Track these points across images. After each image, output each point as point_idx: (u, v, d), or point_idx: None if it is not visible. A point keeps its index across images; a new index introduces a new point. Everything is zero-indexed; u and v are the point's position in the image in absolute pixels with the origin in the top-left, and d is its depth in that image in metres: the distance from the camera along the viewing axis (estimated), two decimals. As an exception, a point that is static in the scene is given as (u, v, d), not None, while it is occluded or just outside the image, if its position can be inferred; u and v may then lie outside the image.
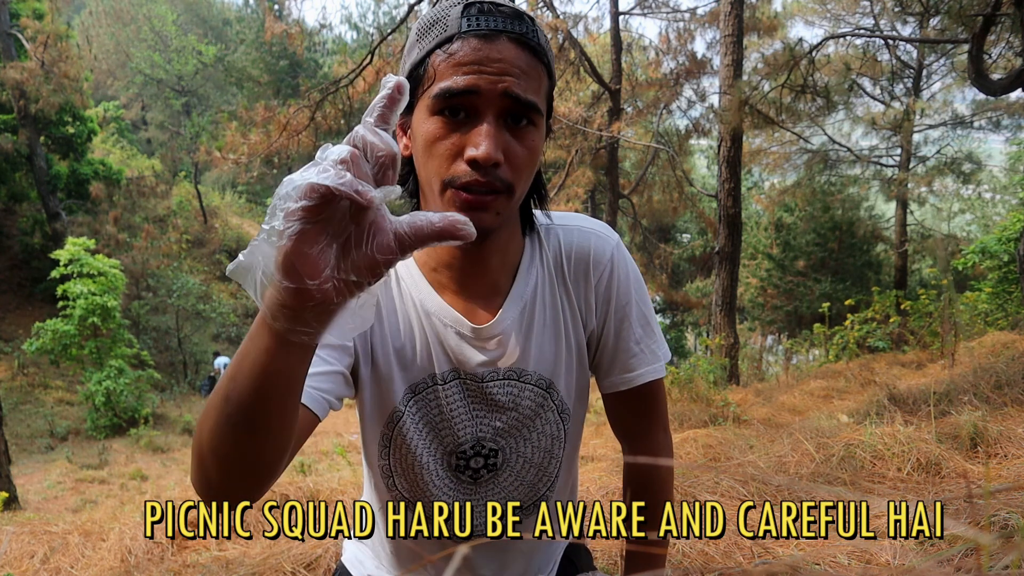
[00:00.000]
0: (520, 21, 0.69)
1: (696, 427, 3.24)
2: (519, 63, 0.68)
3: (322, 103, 7.55)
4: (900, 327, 6.23)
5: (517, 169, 0.69)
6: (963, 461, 1.92)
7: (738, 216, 7.65)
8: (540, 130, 0.72)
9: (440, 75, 0.68)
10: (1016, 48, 5.10)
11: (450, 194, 0.69)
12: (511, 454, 0.86)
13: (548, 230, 0.85)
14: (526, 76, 0.68)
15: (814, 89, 6.98)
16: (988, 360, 3.20)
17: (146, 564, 2.04)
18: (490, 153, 0.66)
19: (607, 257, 0.84)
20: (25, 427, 10.63)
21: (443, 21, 0.69)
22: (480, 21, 0.68)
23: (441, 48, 0.69)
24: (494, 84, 0.66)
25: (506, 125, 0.69)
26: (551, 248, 0.84)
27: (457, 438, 0.83)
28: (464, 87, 0.66)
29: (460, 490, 0.86)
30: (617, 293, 0.85)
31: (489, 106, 0.67)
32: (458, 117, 0.68)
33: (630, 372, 0.86)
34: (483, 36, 0.67)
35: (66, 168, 14.83)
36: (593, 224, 0.87)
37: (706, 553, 1.51)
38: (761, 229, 17.28)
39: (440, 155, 0.69)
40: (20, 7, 13.87)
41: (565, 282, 0.84)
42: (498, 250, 0.80)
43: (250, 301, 20.06)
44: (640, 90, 12.62)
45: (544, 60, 0.71)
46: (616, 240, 0.86)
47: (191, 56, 24.09)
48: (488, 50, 0.67)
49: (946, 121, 13.36)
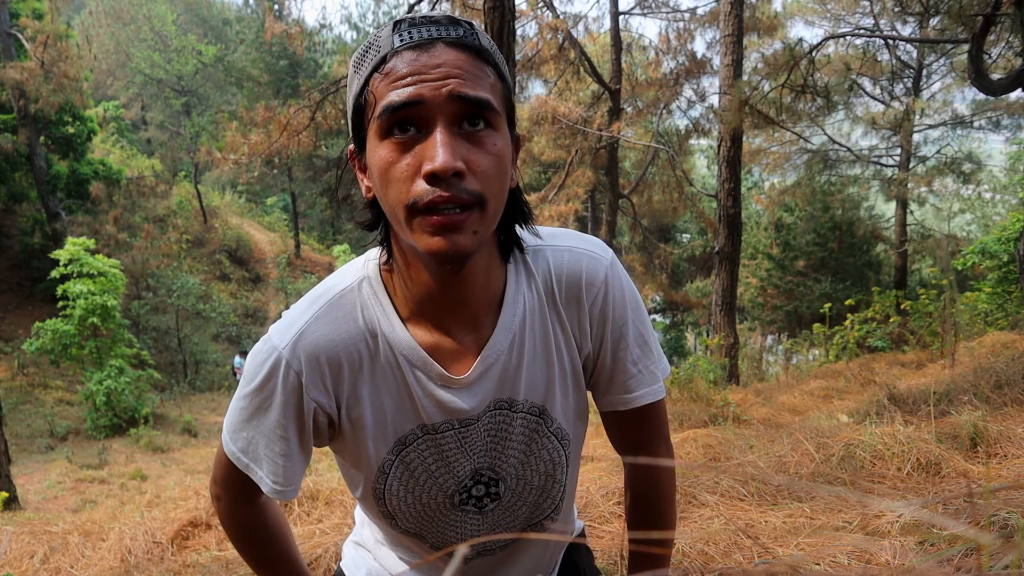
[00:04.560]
0: (456, 26, 0.65)
1: (696, 427, 3.24)
2: (462, 65, 0.64)
3: (322, 103, 7.54)
4: (900, 327, 6.23)
5: (483, 177, 0.64)
6: (963, 461, 1.92)
7: (738, 216, 7.65)
8: (501, 133, 0.66)
9: (380, 96, 0.64)
10: (1016, 48, 5.10)
11: (418, 221, 0.63)
12: (512, 480, 0.84)
13: (537, 252, 0.80)
14: (472, 76, 0.64)
15: (814, 89, 6.98)
16: (988, 360, 3.20)
17: (146, 564, 2.04)
18: (447, 161, 0.60)
19: (600, 279, 0.80)
20: (25, 427, 10.64)
21: (376, 44, 0.66)
22: (412, 33, 0.64)
23: (378, 71, 0.65)
24: (437, 90, 0.62)
25: (461, 132, 0.64)
26: (540, 271, 0.79)
27: (456, 477, 0.82)
28: (406, 99, 0.62)
29: (467, 521, 0.85)
30: (612, 315, 0.81)
31: (438, 113, 0.62)
32: (408, 134, 0.63)
33: (629, 393, 0.83)
34: (417, 47, 0.63)
35: (66, 168, 14.83)
36: (585, 244, 0.82)
37: (706, 553, 1.51)
38: (761, 229, 17.28)
39: (397, 179, 0.64)
40: (20, 7, 13.87)
41: (557, 307, 0.80)
42: (478, 278, 0.73)
43: (250, 301, 20.09)
44: (640, 90, 12.62)
45: (489, 61, 0.66)
46: (610, 259, 0.82)
47: (191, 56, 24.09)
48: (425, 58, 0.63)
49: (946, 121, 13.36)
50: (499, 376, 0.78)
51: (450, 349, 0.76)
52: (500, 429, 0.81)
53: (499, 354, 0.77)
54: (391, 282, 0.76)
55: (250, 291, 20.39)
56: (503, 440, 0.81)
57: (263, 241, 23.19)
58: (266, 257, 22.16)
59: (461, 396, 0.77)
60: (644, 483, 0.91)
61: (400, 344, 0.75)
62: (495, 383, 0.78)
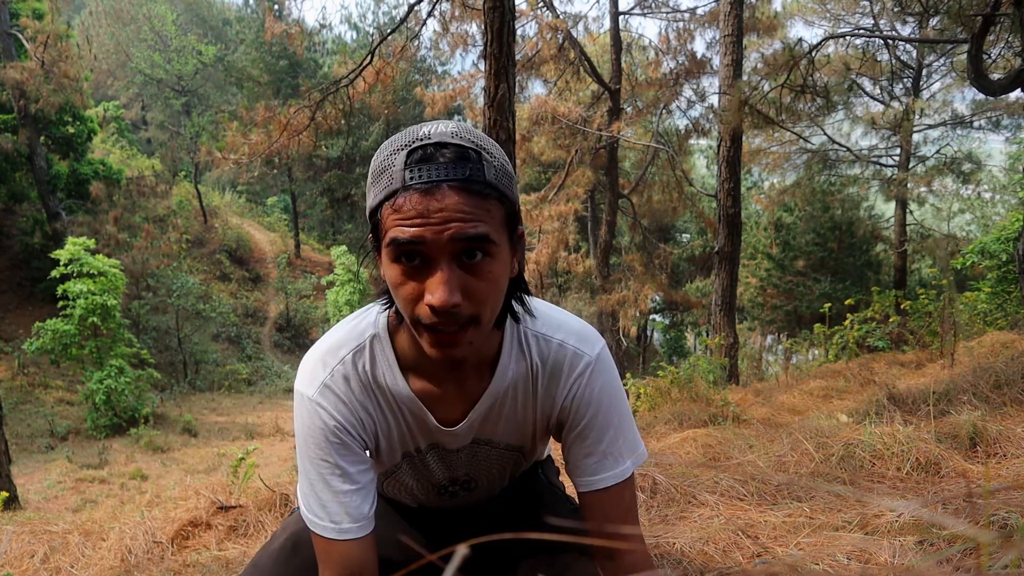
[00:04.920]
0: (463, 163, 0.70)
1: (696, 427, 3.24)
2: (463, 207, 0.69)
3: (322, 103, 7.54)
4: (900, 327, 6.23)
5: (479, 302, 0.73)
6: (962, 461, 1.92)
7: (738, 216, 7.65)
8: (498, 257, 0.74)
9: (389, 227, 0.71)
10: (1016, 48, 5.10)
11: (420, 332, 0.75)
12: (483, 480, 1.04)
13: (536, 338, 0.90)
14: (473, 216, 0.70)
15: (814, 89, 6.98)
16: (987, 360, 3.20)
17: (146, 564, 2.04)
18: (445, 300, 0.69)
19: (576, 374, 0.90)
20: (25, 427, 10.64)
21: (389, 172, 0.72)
22: (421, 173, 0.69)
23: (388, 201, 0.72)
24: (439, 233, 0.69)
25: (461, 264, 0.71)
26: (532, 355, 0.90)
27: (439, 481, 1.02)
28: (410, 238, 0.69)
29: (441, 501, 1.07)
30: (580, 406, 0.90)
31: (440, 253, 0.70)
32: (414, 263, 0.71)
33: (593, 476, 0.91)
34: (423, 190, 0.69)
35: (66, 168, 14.82)
36: (575, 339, 0.91)
37: (705, 553, 1.51)
38: (761, 229, 17.28)
39: (404, 298, 0.74)
40: (20, 7, 13.87)
41: (537, 389, 0.91)
42: (472, 357, 0.86)
43: (250, 301, 20.08)
44: (640, 90, 12.62)
45: (494, 195, 0.72)
46: (594, 356, 0.90)
47: (191, 56, 24.08)
48: (429, 202, 0.69)
49: (946, 121, 13.36)
50: (479, 427, 0.93)
51: (443, 399, 0.90)
52: (479, 456, 0.98)
53: (484, 414, 0.91)
54: (398, 336, 0.88)
55: (250, 291, 20.39)
56: (481, 462, 1.00)
57: (263, 241, 23.18)
58: (266, 257, 22.15)
59: (447, 439, 0.93)
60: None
61: (401, 395, 0.89)
62: (476, 430, 0.94)
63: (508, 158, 0.88)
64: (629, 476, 0.91)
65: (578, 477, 0.92)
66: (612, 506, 0.91)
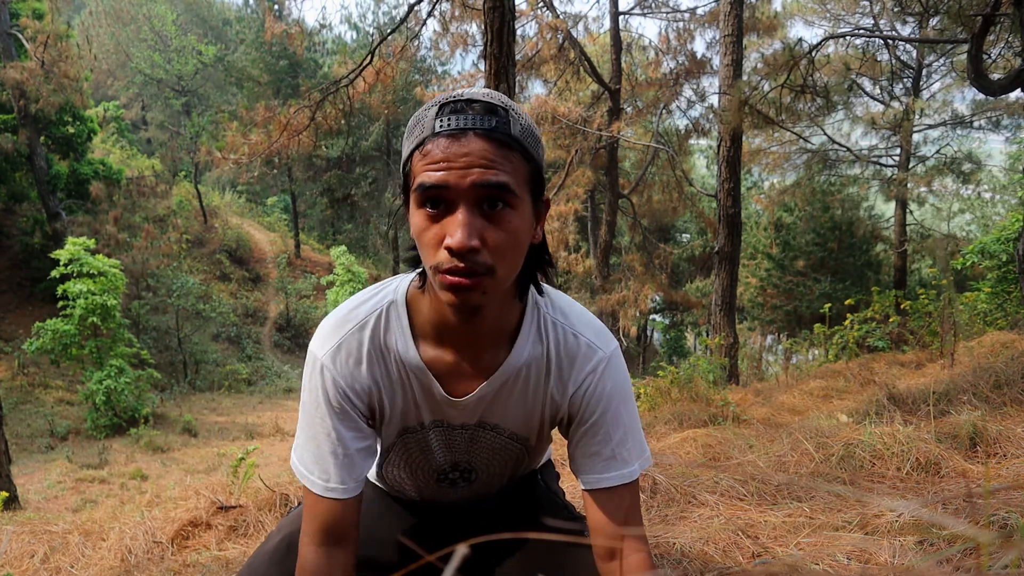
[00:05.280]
0: (491, 115, 0.74)
1: (696, 426, 3.24)
2: (487, 155, 0.73)
3: (322, 103, 7.54)
4: (899, 327, 6.22)
5: (497, 252, 0.75)
6: (962, 461, 1.92)
7: (738, 216, 7.65)
8: (520, 211, 0.76)
9: (417, 173, 0.75)
10: (1016, 48, 5.10)
11: (439, 278, 0.75)
12: (483, 472, 1.03)
13: (554, 324, 0.92)
14: (496, 164, 0.73)
15: (814, 89, 6.98)
16: (987, 360, 3.20)
17: (146, 564, 2.04)
18: (463, 241, 0.72)
19: (590, 367, 0.91)
20: (25, 427, 10.64)
21: (421, 123, 0.76)
22: (450, 121, 0.74)
23: (418, 149, 0.75)
24: (462, 178, 0.72)
25: (482, 211, 0.74)
26: (549, 341, 0.91)
27: (439, 463, 1.00)
28: (434, 183, 0.73)
29: (440, 492, 1.07)
30: (590, 403, 0.91)
31: (461, 197, 0.73)
32: (438, 208, 0.74)
33: (601, 474, 0.92)
34: (451, 135, 0.73)
35: (66, 168, 14.82)
36: (591, 334, 0.93)
37: (705, 552, 1.51)
38: (761, 229, 17.28)
39: (426, 244, 0.76)
40: (20, 7, 13.87)
41: (550, 377, 0.92)
42: (488, 319, 0.86)
43: (250, 301, 20.08)
44: (640, 90, 12.63)
45: (517, 148, 0.75)
46: (608, 353, 0.92)
47: (191, 56, 24.08)
48: (455, 147, 0.73)
49: (946, 121, 13.36)
50: (488, 404, 0.92)
51: (454, 369, 0.90)
52: (482, 441, 0.97)
53: (495, 390, 0.91)
54: (419, 302, 0.89)
55: (250, 291, 20.38)
56: (484, 449, 0.99)
57: (263, 241, 23.17)
58: (266, 257, 22.14)
59: (452, 412, 0.92)
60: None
61: (410, 362, 0.89)
62: (484, 409, 0.93)
63: None
64: (636, 478, 0.92)
65: (584, 475, 0.92)
66: (617, 506, 0.91)
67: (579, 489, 0.95)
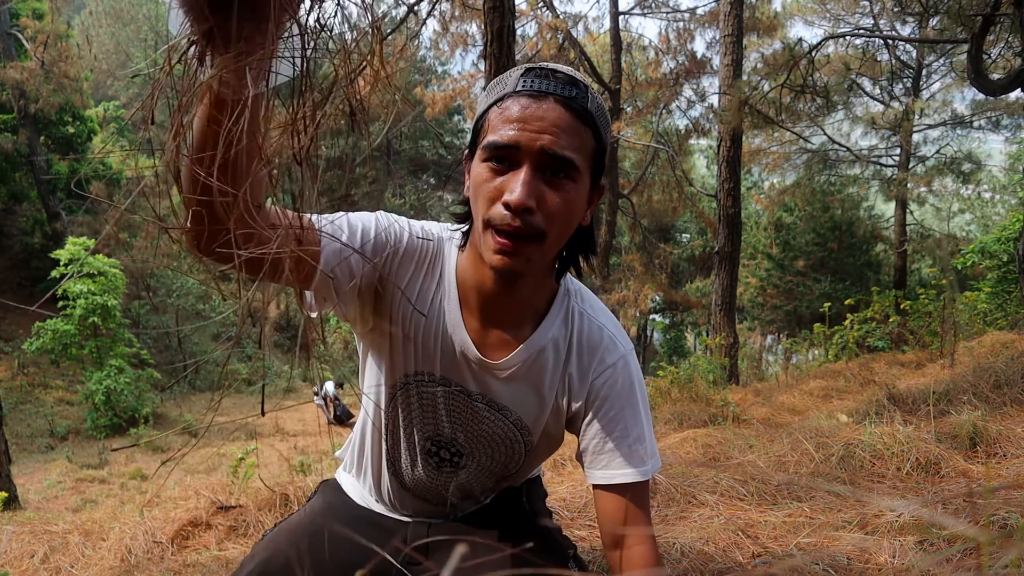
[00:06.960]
0: (572, 86, 0.76)
1: (696, 426, 3.24)
2: (561, 123, 0.75)
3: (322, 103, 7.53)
4: (899, 327, 6.22)
5: (550, 217, 0.76)
6: (962, 460, 1.92)
7: (738, 216, 7.65)
8: (578, 185, 0.78)
9: (491, 128, 0.77)
10: (1015, 48, 5.10)
11: (489, 234, 0.77)
12: (472, 461, 0.99)
13: (580, 314, 0.93)
14: (566, 135, 0.75)
15: (814, 89, 6.98)
16: (987, 360, 3.20)
17: (146, 564, 2.04)
18: (522, 199, 0.73)
19: (610, 360, 0.92)
20: (25, 427, 10.64)
21: (504, 81, 0.79)
22: (533, 83, 0.76)
23: (497, 104, 0.77)
24: (533, 141, 0.74)
25: (543, 177, 0.75)
26: (573, 328, 0.92)
27: (437, 429, 0.96)
28: (507, 142, 0.74)
29: (426, 473, 1.00)
30: (608, 396, 0.91)
31: (527, 157, 0.74)
32: (503, 164, 0.76)
33: (617, 470, 0.91)
34: (532, 96, 0.75)
35: (66, 168, 14.82)
36: (614, 329, 0.94)
37: (705, 552, 1.51)
38: (761, 229, 17.28)
39: (484, 196, 0.77)
40: (20, 7, 13.87)
41: (569, 363, 0.92)
42: (524, 290, 0.87)
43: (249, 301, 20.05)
44: (640, 90, 12.63)
45: (590, 124, 0.77)
46: (626, 351, 0.93)
47: (191, 56, 24.05)
48: (533, 108, 0.75)
49: (946, 121, 13.36)
50: (505, 376, 0.90)
51: (478, 337, 0.89)
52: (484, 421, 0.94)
53: (522, 361, 0.90)
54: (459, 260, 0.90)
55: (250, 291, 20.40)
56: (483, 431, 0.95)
57: (263, 241, 23.18)
58: (266, 257, 22.15)
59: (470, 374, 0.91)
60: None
61: (452, 312, 0.89)
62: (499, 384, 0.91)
63: None
64: (648, 478, 0.92)
65: (599, 470, 0.92)
66: (629, 503, 0.92)
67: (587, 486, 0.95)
